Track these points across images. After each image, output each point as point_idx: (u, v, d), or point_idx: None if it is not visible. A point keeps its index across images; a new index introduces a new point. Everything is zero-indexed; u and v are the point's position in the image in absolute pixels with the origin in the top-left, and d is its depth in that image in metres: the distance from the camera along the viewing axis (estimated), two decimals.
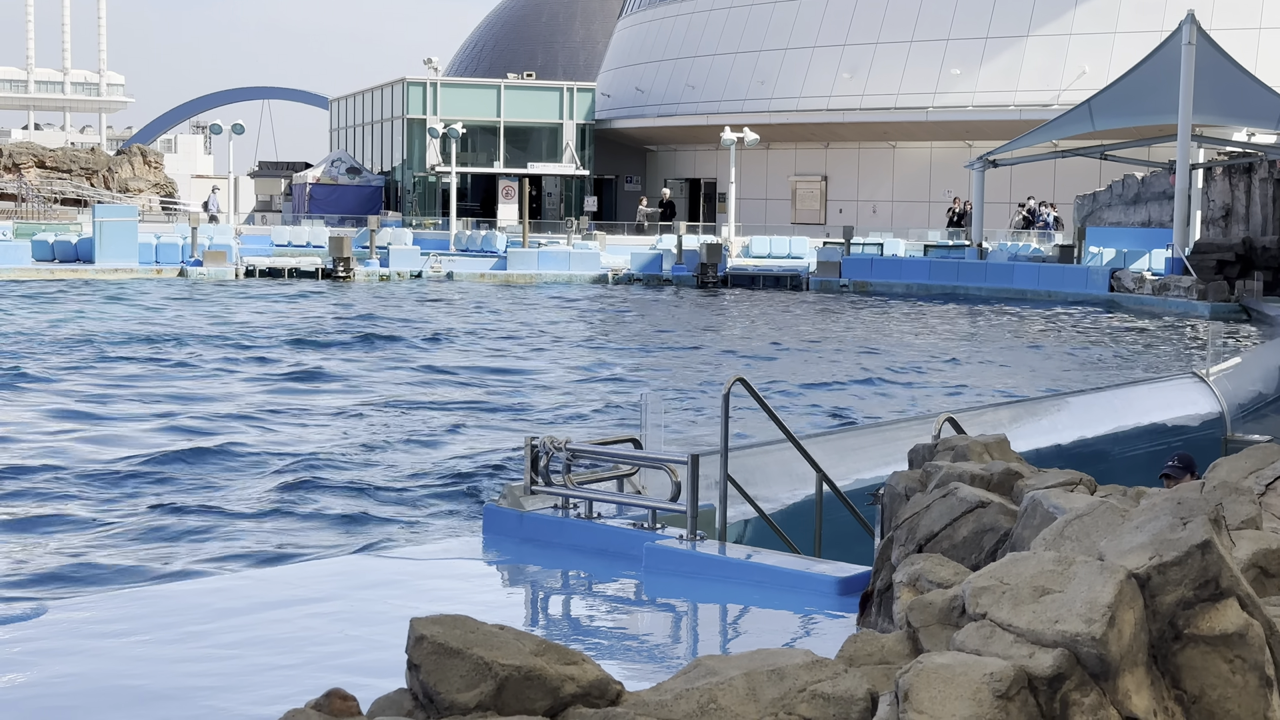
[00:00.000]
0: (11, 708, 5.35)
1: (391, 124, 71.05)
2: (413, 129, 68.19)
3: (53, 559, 10.42)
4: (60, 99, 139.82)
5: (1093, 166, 51.87)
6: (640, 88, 69.36)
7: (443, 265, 46.02)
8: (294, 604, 7.01)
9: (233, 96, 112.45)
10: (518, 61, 79.97)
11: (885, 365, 24.86)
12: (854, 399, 20.39)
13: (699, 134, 65.23)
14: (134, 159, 72.86)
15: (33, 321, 29.51)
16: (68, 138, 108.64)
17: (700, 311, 37.15)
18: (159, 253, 43.73)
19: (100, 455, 14.84)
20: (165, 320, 30.52)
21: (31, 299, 35.12)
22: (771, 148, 62.59)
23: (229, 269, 43.26)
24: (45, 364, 22.60)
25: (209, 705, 5.49)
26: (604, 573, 7.78)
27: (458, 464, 14.54)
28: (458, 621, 2.99)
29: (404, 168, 69.49)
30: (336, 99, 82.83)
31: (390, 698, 3.03)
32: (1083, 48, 55.83)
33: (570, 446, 8.48)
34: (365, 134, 75.61)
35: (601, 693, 2.92)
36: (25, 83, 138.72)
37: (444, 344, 27.06)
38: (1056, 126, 45.54)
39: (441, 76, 72.64)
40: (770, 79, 62.91)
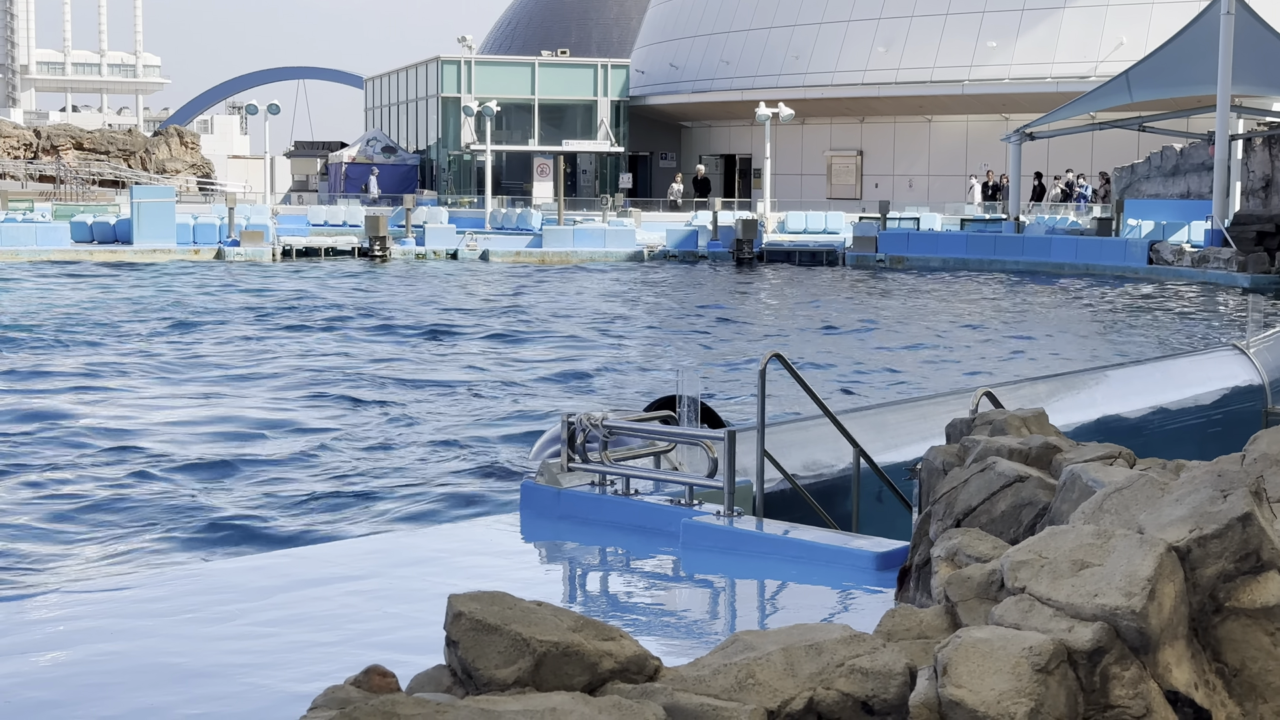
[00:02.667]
0: (53, 685, 5.39)
1: (426, 103, 71.13)
2: (447, 107, 68.24)
3: (91, 538, 10.50)
4: (97, 81, 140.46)
5: (1131, 138, 51.53)
6: (674, 64, 69.21)
7: (478, 244, 46.08)
8: (332, 582, 7.04)
9: (268, 77, 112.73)
10: (552, 39, 79.86)
11: (922, 340, 24.78)
12: (890, 374, 20.33)
13: (734, 110, 65.06)
14: (171, 140, 73.18)
15: (73, 301, 29.68)
16: (105, 119, 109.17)
17: (736, 288, 37.10)
18: (196, 233, 43.92)
19: (138, 435, 14.93)
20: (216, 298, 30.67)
21: (70, 280, 35.33)
22: (806, 123, 62.38)
23: (266, 249, 43.41)
24: (85, 344, 22.74)
25: (248, 682, 5.52)
26: (641, 549, 7.79)
27: (494, 441, 14.57)
28: (496, 598, 2.99)
29: (439, 146, 69.57)
30: (371, 78, 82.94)
31: (429, 674, 3.04)
32: (1120, 18, 55.41)
33: (607, 423, 8.48)
34: (400, 113, 75.71)
35: (639, 668, 2.92)
36: (63, 65, 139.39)
37: (481, 322, 27.10)
38: (1094, 98, 45.24)
39: (476, 55, 72.66)
40: (805, 53, 62.66)
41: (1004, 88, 57.16)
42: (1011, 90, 56.88)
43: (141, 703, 5.25)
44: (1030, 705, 2.90)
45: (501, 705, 2.58)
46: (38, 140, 69.59)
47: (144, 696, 5.35)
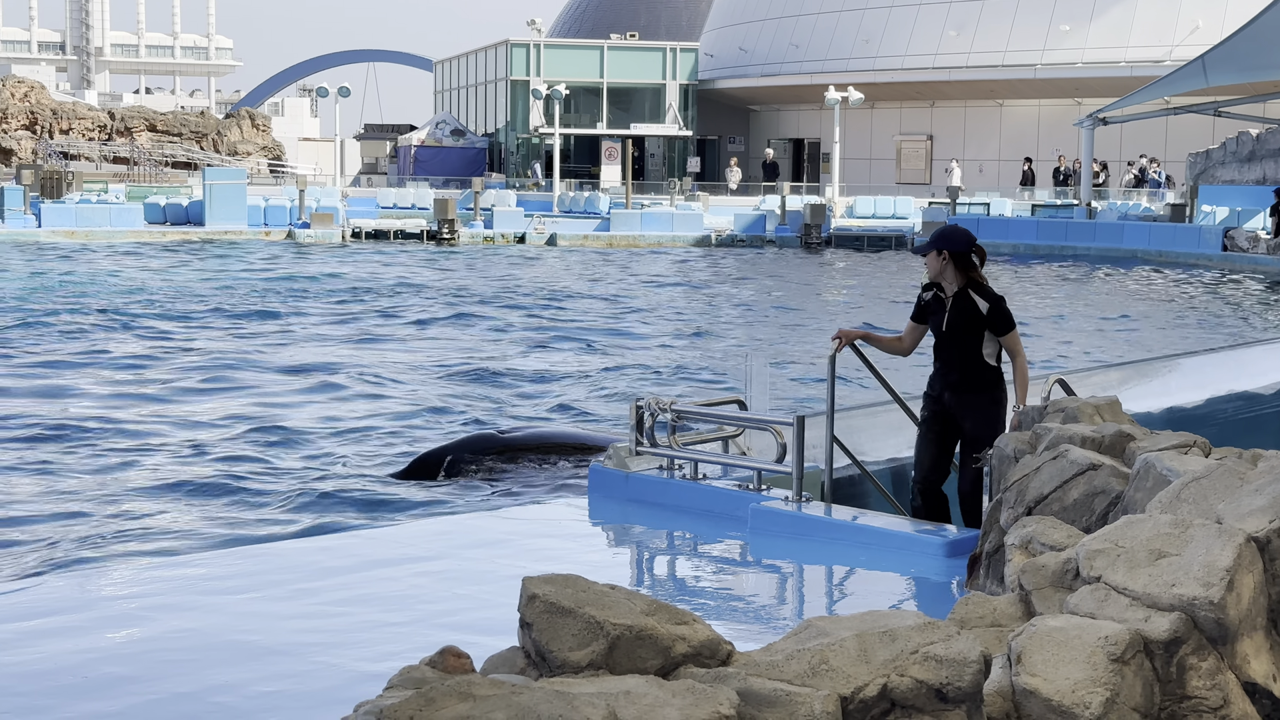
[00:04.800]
0: (130, 661, 5.46)
1: (495, 86, 71.28)
2: (516, 90, 68.36)
3: (166, 516, 10.61)
4: (170, 63, 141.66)
5: (1205, 123, 50.86)
6: (744, 47, 68.98)
7: (546, 227, 46.15)
8: (402, 562, 7.09)
9: (339, 60, 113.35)
10: (621, 22, 79.78)
11: None
12: None
13: (802, 94, 64.77)
14: (242, 122, 73.74)
15: (147, 281, 30.00)
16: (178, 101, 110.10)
17: (804, 273, 36.99)
18: (267, 215, 44.23)
19: (213, 413, 15.07)
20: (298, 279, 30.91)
21: (144, 260, 35.70)
22: (876, 107, 62.04)
23: (336, 231, 43.67)
24: (158, 324, 22.97)
25: (320, 661, 5.57)
26: (709, 533, 7.80)
27: (564, 421, 14.60)
28: (569, 581, 3.00)
29: (508, 129, 69.71)
30: (441, 61, 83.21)
31: (503, 655, 3.05)
32: (1195, 2, 54.72)
33: (675, 408, 8.49)
34: (469, 96, 75.92)
35: (712, 653, 2.92)
36: (136, 47, 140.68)
37: (548, 305, 27.16)
38: (1168, 83, 44.68)
39: (545, 38, 72.73)
40: (875, 37, 62.29)
41: (1077, 72, 56.58)
42: (1084, 74, 56.29)
43: (215, 679, 5.32)
44: (1106, 695, 2.88)
45: (576, 688, 2.59)
46: (112, 122, 70.32)
47: (217, 673, 5.42)
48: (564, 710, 2.38)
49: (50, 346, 20.12)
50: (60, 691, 5.04)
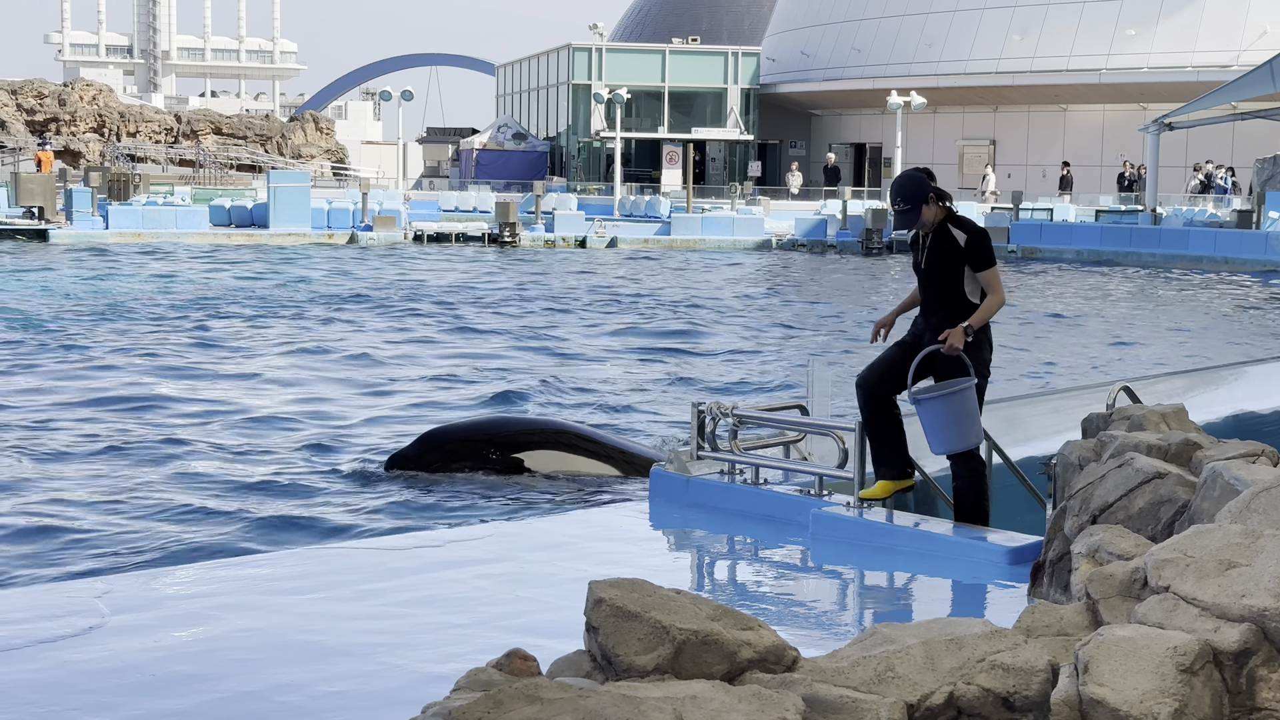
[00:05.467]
0: (196, 659, 5.52)
1: (557, 89, 71.47)
2: (578, 94, 68.52)
3: (231, 516, 10.70)
4: (235, 67, 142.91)
5: (1273, 129, 50.34)
6: (805, 51, 68.85)
7: (607, 230, 46.23)
8: (464, 565, 7.12)
9: (401, 63, 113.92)
10: (683, 26, 79.84)
11: (1055, 332, 24.45)
12: (1023, 366, 20.10)
13: (864, 98, 64.58)
14: (306, 125, 74.30)
15: (210, 282, 30.28)
16: (243, 105, 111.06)
17: (865, 277, 36.87)
18: (330, 218, 44.54)
19: (273, 414, 15.18)
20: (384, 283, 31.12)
21: (208, 261, 36.04)
22: (938, 111, 61.76)
23: (398, 234, 43.91)
24: (217, 324, 23.18)
25: (384, 662, 5.61)
26: (770, 538, 7.79)
27: (624, 429, 14.62)
28: (635, 585, 3.01)
29: (569, 133, 69.88)
30: (503, 65, 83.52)
31: (569, 658, 3.06)
32: (1264, 6, 54.15)
33: (737, 412, 8.49)
34: (531, 100, 76.16)
35: (778, 658, 2.93)
36: (202, 51, 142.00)
37: (608, 308, 27.21)
38: (1236, 88, 44.25)
39: (607, 42, 72.86)
40: (938, 41, 62.02)
41: (1142, 77, 56.12)
42: (1150, 79, 55.82)
43: (281, 679, 5.36)
44: (1174, 706, 2.87)
45: (642, 692, 2.60)
46: (178, 125, 71.02)
47: (283, 673, 5.46)
48: (631, 714, 2.40)
49: (111, 346, 20.34)
50: (128, 689, 5.10)
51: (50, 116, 68.26)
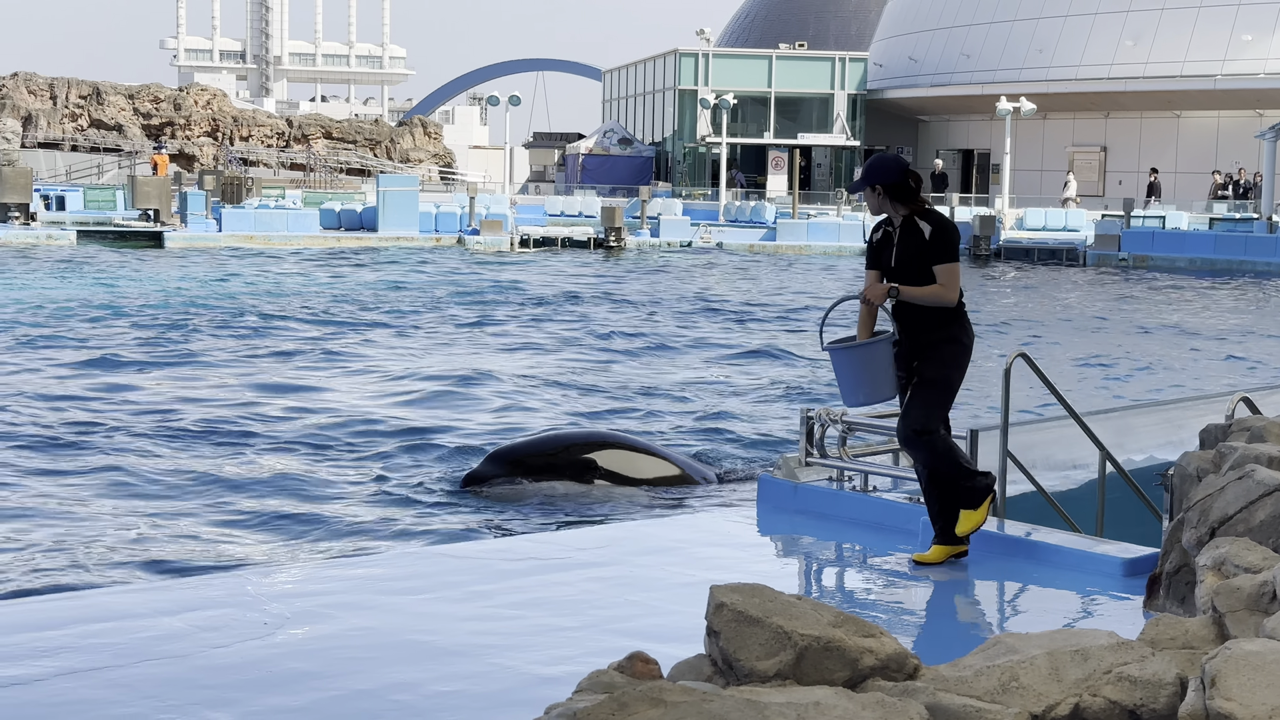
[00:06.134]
0: (311, 657, 5.59)
1: (663, 95, 71.56)
2: (684, 100, 68.57)
3: (342, 517, 10.82)
4: (345, 72, 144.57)
5: None
6: (914, 57, 68.39)
7: (712, 235, 46.22)
8: (574, 568, 7.16)
9: (508, 69, 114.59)
10: (789, 31, 79.61)
11: (1169, 341, 24.10)
12: (1137, 376, 19.83)
13: (973, 104, 64.00)
14: (414, 130, 75.02)
15: (319, 285, 30.65)
16: (352, 109, 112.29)
17: (973, 284, 36.55)
18: (438, 222, 44.90)
19: (383, 415, 15.33)
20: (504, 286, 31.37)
21: (318, 265, 36.49)
22: (1048, 118, 61.07)
23: (505, 238, 44.18)
24: (320, 328, 23.45)
25: (495, 663, 5.66)
26: (879, 546, 7.75)
27: (732, 434, 14.61)
28: (756, 590, 3.01)
29: (674, 138, 69.95)
30: (609, 70, 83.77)
31: (690, 662, 3.07)
32: None
33: (847, 419, 8.46)
34: (637, 105, 76.33)
35: (899, 666, 2.91)
36: (313, 56, 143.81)
37: (712, 313, 27.20)
38: None
39: (713, 47, 72.85)
40: (1049, 47, 61.35)
41: (1259, 83, 55.12)
42: (1267, 85, 54.82)
43: (394, 678, 5.42)
44: None
45: (765, 697, 2.60)
46: (289, 129, 71.99)
47: (396, 672, 5.52)
48: (755, 719, 2.40)
49: (226, 346, 20.65)
50: (246, 685, 5.18)
51: (166, 121, 69.48)
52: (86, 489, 11.43)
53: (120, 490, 11.40)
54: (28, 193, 43.47)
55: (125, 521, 10.35)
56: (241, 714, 4.86)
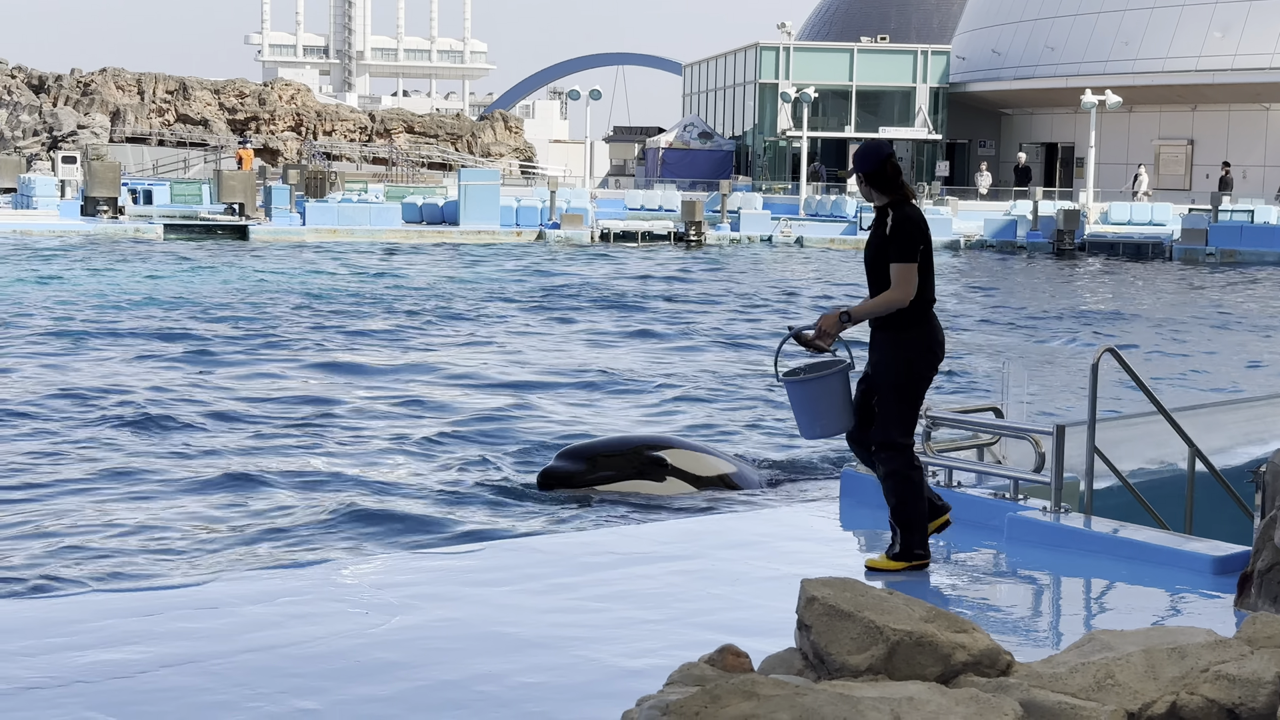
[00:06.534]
0: (398, 647, 5.63)
1: (744, 89, 71.41)
2: (765, 93, 68.40)
3: (423, 511, 10.89)
4: (427, 67, 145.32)
5: None
6: (997, 49, 67.80)
7: (792, 230, 46.07)
8: (657, 561, 7.17)
9: (589, 63, 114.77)
10: (870, 24, 79.17)
11: (1259, 338, 23.76)
12: (1227, 372, 19.58)
13: (1057, 97, 63.37)
14: (495, 124, 75.33)
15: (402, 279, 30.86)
16: (433, 104, 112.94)
17: (1057, 279, 36.22)
18: (519, 215, 45.04)
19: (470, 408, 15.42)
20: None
21: (400, 258, 36.74)
22: (1134, 110, 60.35)
23: (585, 232, 44.26)
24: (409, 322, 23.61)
25: (579, 655, 5.67)
26: (964, 541, 7.71)
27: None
28: (848, 584, 3.00)
29: (755, 132, 69.78)
30: (690, 64, 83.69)
31: (780, 656, 3.06)
32: None
33: (930, 414, 8.40)
34: (718, 99, 76.21)
35: (992, 662, 2.89)
36: (395, 51, 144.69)
37: (793, 307, 27.12)
38: None
39: (794, 41, 72.60)
40: (1135, 39, 60.62)
41: None
42: None
43: (479, 669, 5.45)
44: None
45: (858, 691, 2.59)
46: (372, 124, 72.50)
47: (481, 663, 5.55)
48: (848, 713, 2.39)
49: (308, 340, 20.83)
50: (334, 674, 5.22)
51: (250, 115, 70.18)
52: (176, 481, 11.57)
53: (210, 483, 11.54)
54: (116, 187, 44.08)
55: (215, 514, 10.48)
56: (330, 703, 4.91)
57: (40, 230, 40.89)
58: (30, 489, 11.06)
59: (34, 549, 9.41)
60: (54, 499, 10.77)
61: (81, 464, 12.02)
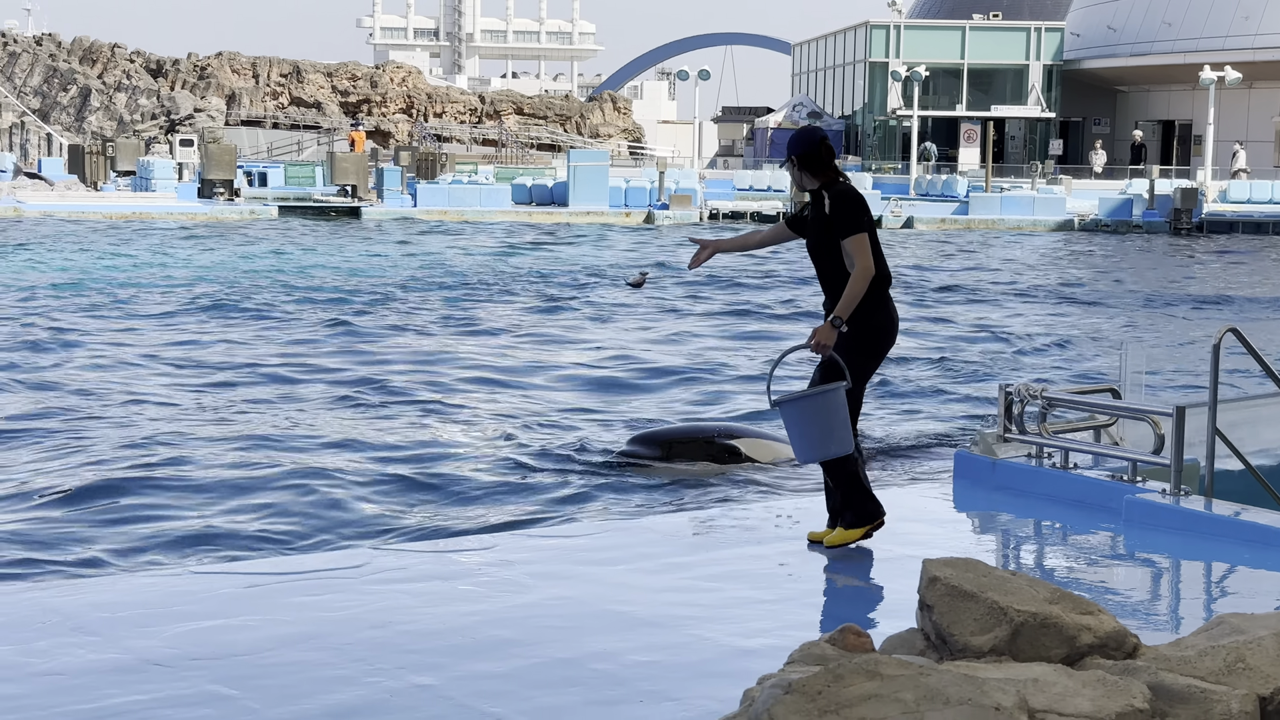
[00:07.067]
0: (514, 625, 5.67)
1: (853, 68, 70.93)
2: (875, 72, 67.89)
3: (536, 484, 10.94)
4: (536, 48, 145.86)
5: None
6: (1112, 26, 66.75)
7: (903, 210, 45.73)
8: (769, 541, 7.16)
9: (697, 43, 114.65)
10: (982, 2, 78.28)
11: None
12: None
13: (1174, 73, 62.28)
14: (604, 105, 75.49)
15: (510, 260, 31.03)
16: (542, 85, 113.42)
17: (1175, 259, 35.64)
18: (628, 196, 45.10)
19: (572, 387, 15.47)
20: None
21: (510, 239, 36.95)
22: (1254, 87, 59.16)
23: (694, 212, 44.23)
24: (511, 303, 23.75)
25: (694, 634, 5.68)
26: (1080, 524, 7.62)
27: (927, 410, 14.46)
28: (970, 565, 2.97)
29: (864, 111, 69.30)
30: (799, 44, 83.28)
31: (901, 636, 3.05)
32: None
33: (1047, 395, 8.31)
34: (827, 78, 75.78)
35: (1118, 645, 2.85)
36: (504, 33, 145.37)
37: (906, 289, 26.93)
38: None
39: (905, 19, 71.97)
40: (1255, 13, 59.40)
41: None
42: None
43: (594, 647, 5.48)
44: None
45: (983, 672, 2.57)
46: (482, 105, 72.96)
47: (596, 641, 5.58)
48: (973, 694, 2.37)
49: (416, 320, 21.03)
50: (450, 651, 5.27)
51: (362, 98, 70.89)
52: (288, 458, 11.73)
53: (323, 459, 11.68)
54: (232, 169, 44.77)
55: (327, 491, 10.61)
56: (446, 679, 4.95)
57: (159, 212, 41.62)
58: (151, 467, 11.26)
59: (160, 526, 9.59)
60: (179, 474, 10.97)
61: (207, 443, 12.22)
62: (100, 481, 10.67)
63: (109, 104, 67.63)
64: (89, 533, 9.36)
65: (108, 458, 11.48)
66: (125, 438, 12.26)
